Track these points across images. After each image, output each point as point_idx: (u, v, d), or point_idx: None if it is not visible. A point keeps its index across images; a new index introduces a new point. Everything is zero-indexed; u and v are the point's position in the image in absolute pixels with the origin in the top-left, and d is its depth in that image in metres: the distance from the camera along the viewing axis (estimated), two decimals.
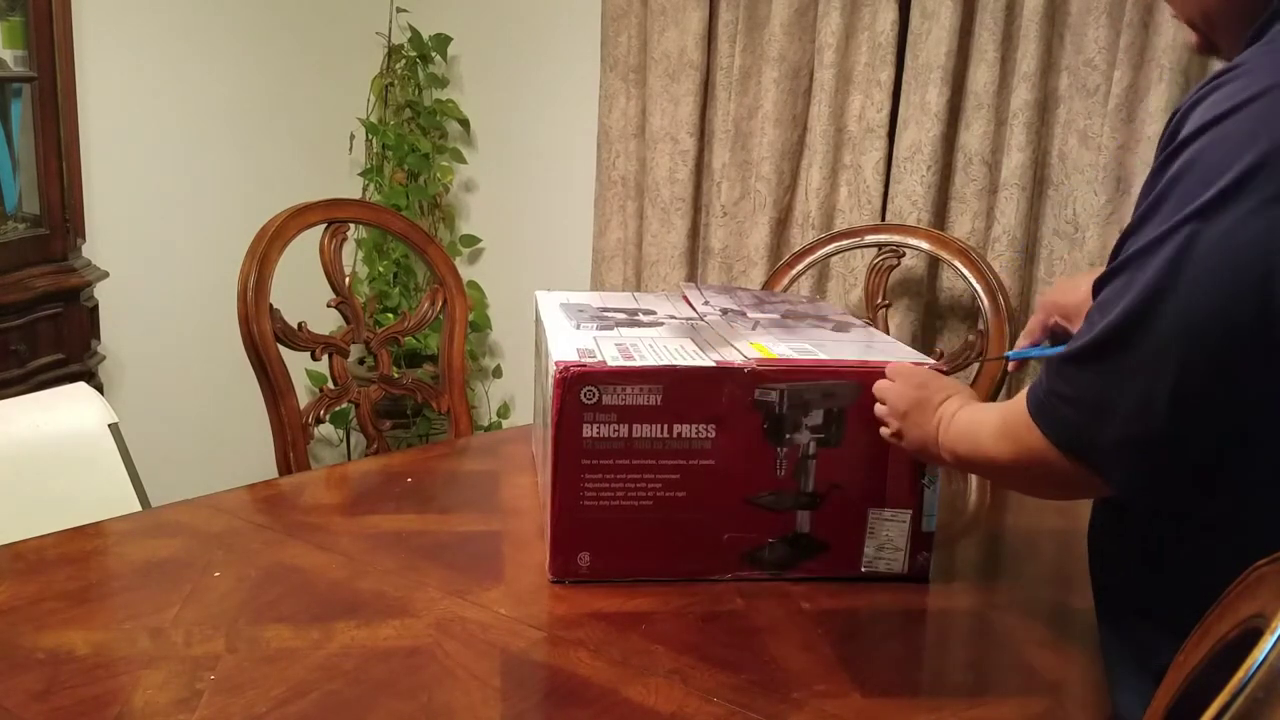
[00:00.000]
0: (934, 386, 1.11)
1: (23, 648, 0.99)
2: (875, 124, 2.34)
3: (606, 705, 0.94)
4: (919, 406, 1.10)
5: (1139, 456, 0.84)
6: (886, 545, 1.19)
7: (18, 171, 2.37)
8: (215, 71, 2.84)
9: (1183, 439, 0.82)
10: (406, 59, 3.07)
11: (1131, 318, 0.81)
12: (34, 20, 2.26)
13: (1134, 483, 0.86)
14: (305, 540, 1.25)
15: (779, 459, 1.16)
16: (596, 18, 2.70)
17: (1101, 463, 0.86)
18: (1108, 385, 0.83)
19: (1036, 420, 0.90)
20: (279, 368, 1.66)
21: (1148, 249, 0.81)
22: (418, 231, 1.92)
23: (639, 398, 1.12)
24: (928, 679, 1.07)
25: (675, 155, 2.58)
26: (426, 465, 1.61)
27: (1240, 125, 0.78)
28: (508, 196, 3.12)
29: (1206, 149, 0.79)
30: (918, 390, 1.12)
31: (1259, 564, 0.62)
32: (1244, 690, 0.55)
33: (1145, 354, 0.80)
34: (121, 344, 2.67)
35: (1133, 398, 0.82)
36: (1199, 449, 0.82)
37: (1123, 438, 0.83)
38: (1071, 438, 0.87)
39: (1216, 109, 0.80)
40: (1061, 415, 0.88)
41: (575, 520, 1.15)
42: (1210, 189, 0.78)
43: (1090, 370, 0.84)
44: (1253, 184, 0.76)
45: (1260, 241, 0.76)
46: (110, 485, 1.41)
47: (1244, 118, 0.78)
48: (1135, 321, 0.80)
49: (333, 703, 0.93)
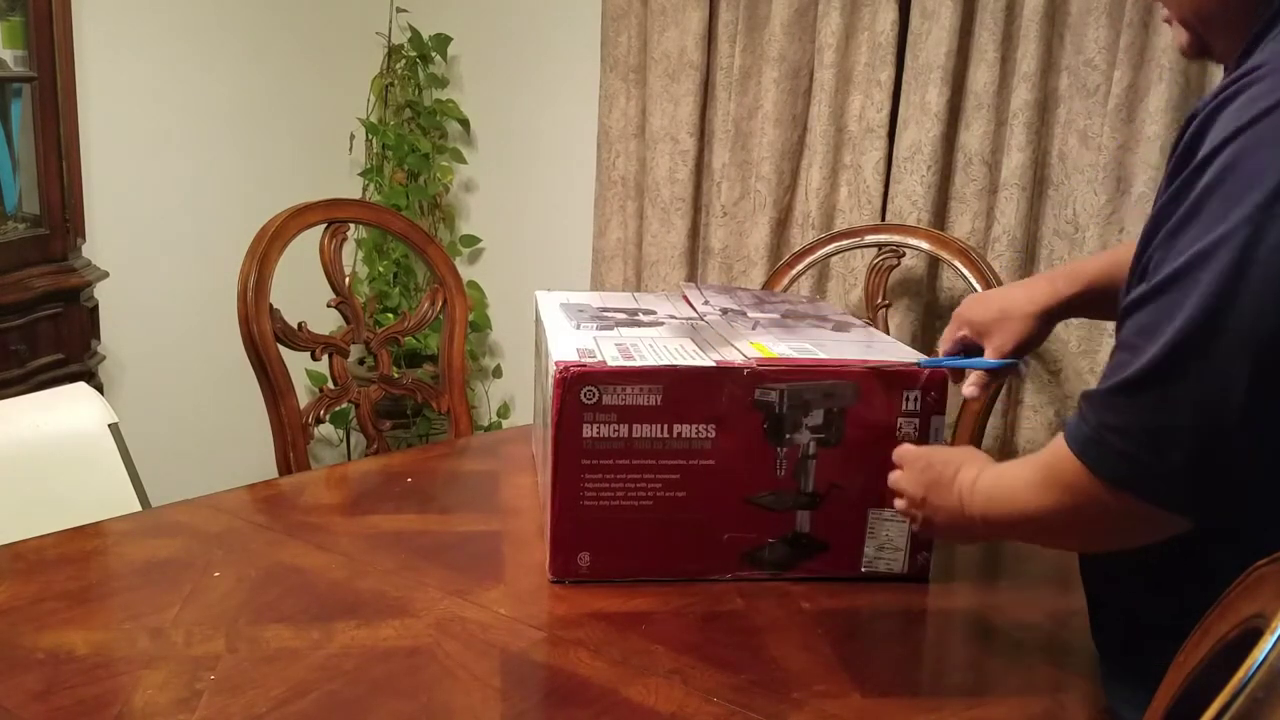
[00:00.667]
0: (942, 460, 1.05)
1: (23, 648, 0.99)
2: (875, 124, 2.33)
3: (606, 705, 0.94)
4: (935, 487, 1.04)
5: (1206, 478, 0.79)
6: (886, 545, 1.19)
7: (18, 171, 2.37)
8: (215, 72, 2.84)
9: (1249, 454, 0.78)
10: (406, 59, 3.07)
11: (1191, 336, 0.76)
12: (34, 20, 2.26)
13: (1200, 506, 0.81)
14: (305, 540, 1.25)
15: (779, 459, 1.16)
16: (596, 18, 2.70)
17: (1163, 492, 0.81)
18: (1168, 410, 0.78)
19: (1084, 459, 0.84)
20: (279, 368, 1.66)
21: (1195, 262, 0.76)
22: (418, 231, 1.92)
23: (639, 398, 1.12)
24: (928, 679, 1.07)
25: (675, 155, 2.58)
26: (426, 465, 1.61)
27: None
28: (508, 196, 3.12)
29: (1247, 151, 0.76)
30: (927, 472, 1.06)
31: (1259, 564, 0.62)
32: (1244, 690, 0.55)
33: (1211, 372, 0.76)
34: (121, 344, 2.67)
35: (1198, 419, 0.77)
36: (1261, 462, 0.79)
37: (1188, 461, 0.79)
38: (1128, 471, 0.82)
39: (1249, 111, 0.77)
40: (1116, 449, 0.82)
41: (575, 520, 1.15)
42: (1260, 190, 0.74)
43: (1146, 397, 0.79)
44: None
45: None
46: (110, 485, 1.41)
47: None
48: (1195, 339, 0.76)
49: (333, 703, 0.93)
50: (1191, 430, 0.78)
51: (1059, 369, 2.19)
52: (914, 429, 1.17)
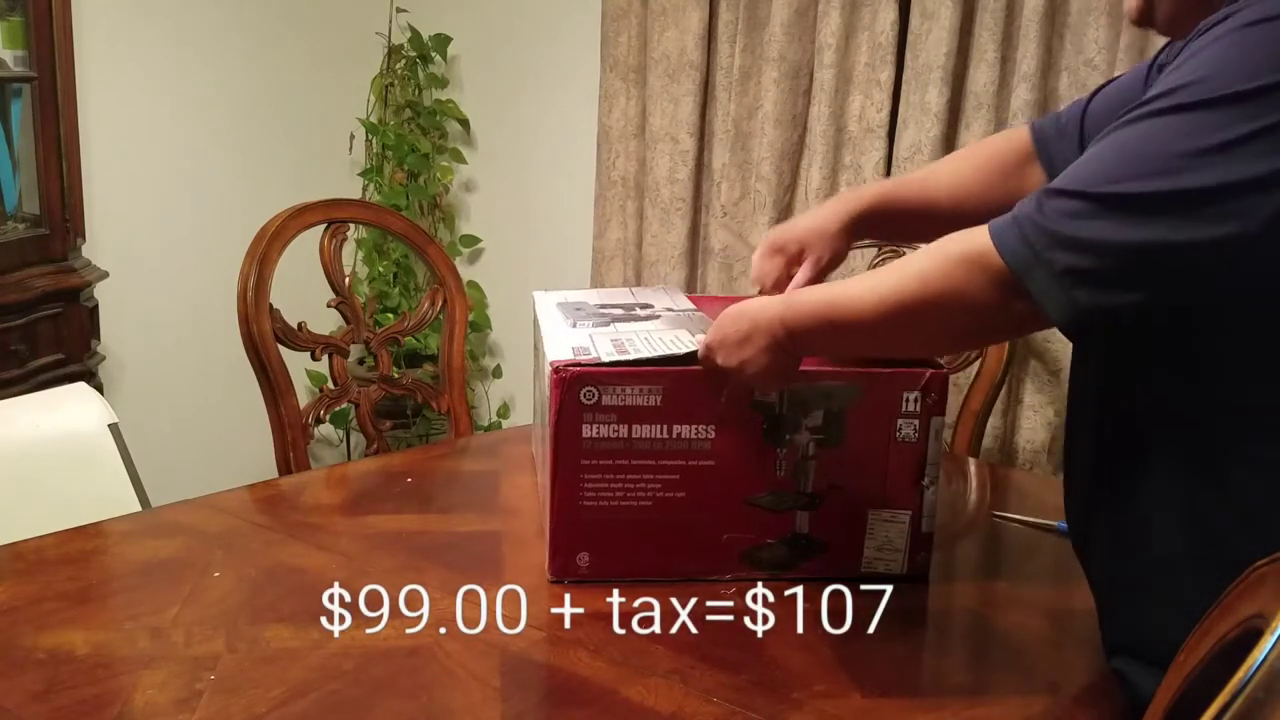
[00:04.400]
0: (748, 312, 1.06)
1: (23, 648, 0.99)
2: (875, 124, 2.34)
3: (606, 705, 0.94)
4: (745, 336, 1.05)
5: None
6: (886, 546, 1.19)
7: (18, 171, 2.37)
8: (215, 72, 2.84)
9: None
10: (406, 59, 3.07)
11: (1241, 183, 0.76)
12: (34, 20, 2.26)
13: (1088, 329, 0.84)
14: (305, 540, 1.25)
15: (778, 459, 1.16)
16: (596, 18, 2.70)
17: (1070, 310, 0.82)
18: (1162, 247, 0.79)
19: (1003, 248, 0.84)
20: (279, 368, 1.66)
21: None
22: (418, 231, 1.92)
23: (638, 398, 1.12)
24: (928, 679, 1.07)
25: (675, 155, 2.58)
26: (426, 465, 1.61)
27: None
28: (508, 196, 3.12)
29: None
30: (738, 320, 1.06)
31: (1259, 564, 0.62)
32: (1244, 690, 0.55)
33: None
34: (121, 344, 2.67)
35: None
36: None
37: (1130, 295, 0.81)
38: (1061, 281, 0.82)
39: (1250, 17, 0.79)
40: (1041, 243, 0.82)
41: (574, 520, 1.15)
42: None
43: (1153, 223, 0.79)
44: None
45: None
46: (110, 485, 1.41)
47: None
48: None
49: (333, 703, 0.93)
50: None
51: (1059, 369, 2.19)
52: (913, 430, 1.17)
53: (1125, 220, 0.79)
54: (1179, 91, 0.80)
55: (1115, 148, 0.82)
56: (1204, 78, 0.79)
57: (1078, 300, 0.82)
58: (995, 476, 1.77)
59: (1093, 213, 0.80)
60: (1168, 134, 0.79)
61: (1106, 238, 0.80)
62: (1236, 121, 0.77)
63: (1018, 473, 2.06)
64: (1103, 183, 0.81)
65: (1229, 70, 0.78)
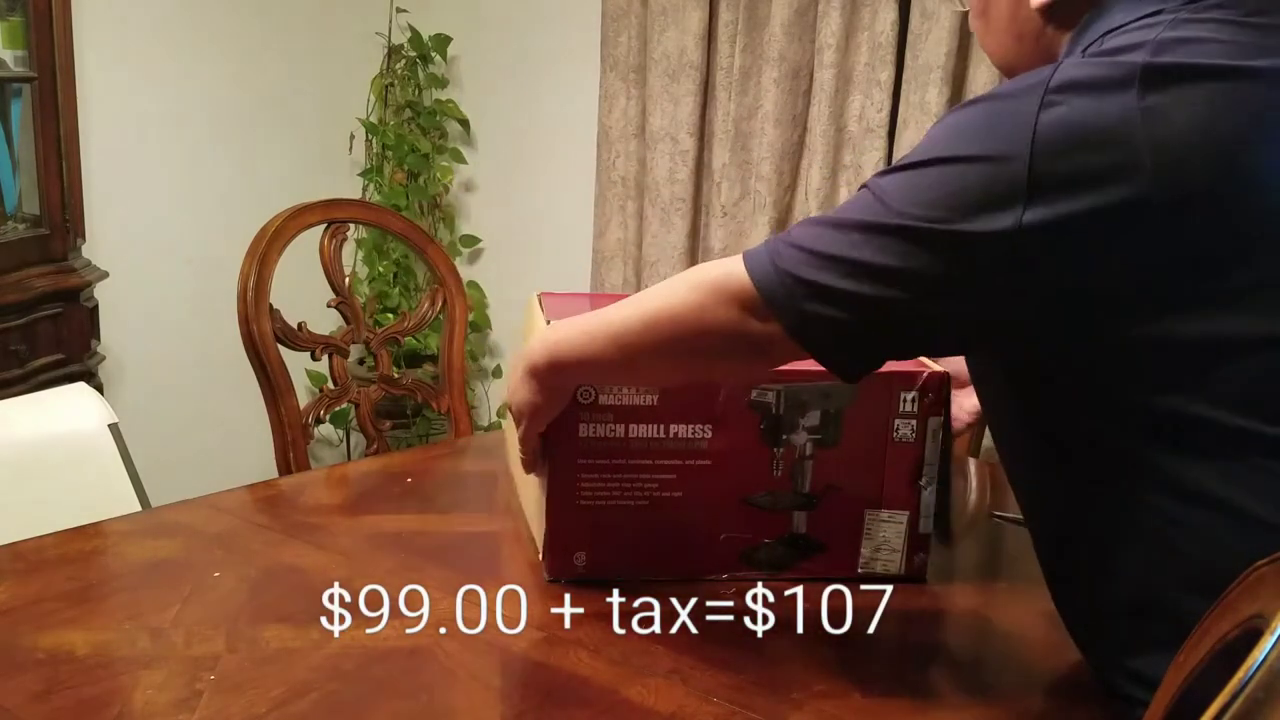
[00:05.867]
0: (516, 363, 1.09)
1: (23, 648, 0.99)
2: (875, 124, 2.34)
3: (606, 705, 0.94)
4: (515, 375, 1.08)
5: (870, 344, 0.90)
6: (883, 546, 1.19)
7: (18, 171, 2.37)
8: (215, 72, 2.84)
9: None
10: (406, 59, 3.07)
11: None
12: (34, 20, 2.26)
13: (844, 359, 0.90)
14: (305, 540, 1.25)
15: (775, 459, 1.16)
16: (596, 18, 2.70)
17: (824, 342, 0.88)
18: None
19: (755, 275, 0.88)
20: (279, 368, 1.66)
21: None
22: (418, 231, 1.92)
23: (635, 398, 1.12)
24: (928, 679, 1.07)
25: (675, 155, 2.58)
26: (426, 465, 1.61)
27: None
28: (508, 196, 3.12)
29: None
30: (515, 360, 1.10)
31: (1259, 564, 0.62)
32: (1244, 690, 0.55)
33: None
34: (121, 344, 2.67)
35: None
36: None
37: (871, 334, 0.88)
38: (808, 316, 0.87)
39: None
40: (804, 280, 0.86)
41: (572, 520, 1.15)
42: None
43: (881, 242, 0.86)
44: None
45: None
46: (110, 485, 1.41)
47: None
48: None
49: (333, 703, 0.93)
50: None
51: None
52: (911, 430, 1.17)
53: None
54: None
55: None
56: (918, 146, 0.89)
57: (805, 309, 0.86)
58: (995, 476, 1.77)
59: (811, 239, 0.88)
60: (857, 204, 0.88)
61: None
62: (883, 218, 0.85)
63: None
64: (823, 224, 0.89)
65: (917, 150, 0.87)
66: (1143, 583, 0.88)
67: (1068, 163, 0.78)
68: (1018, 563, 1.34)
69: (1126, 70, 0.79)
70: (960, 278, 0.83)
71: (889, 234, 0.83)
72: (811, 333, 0.87)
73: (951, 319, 0.86)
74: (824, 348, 0.89)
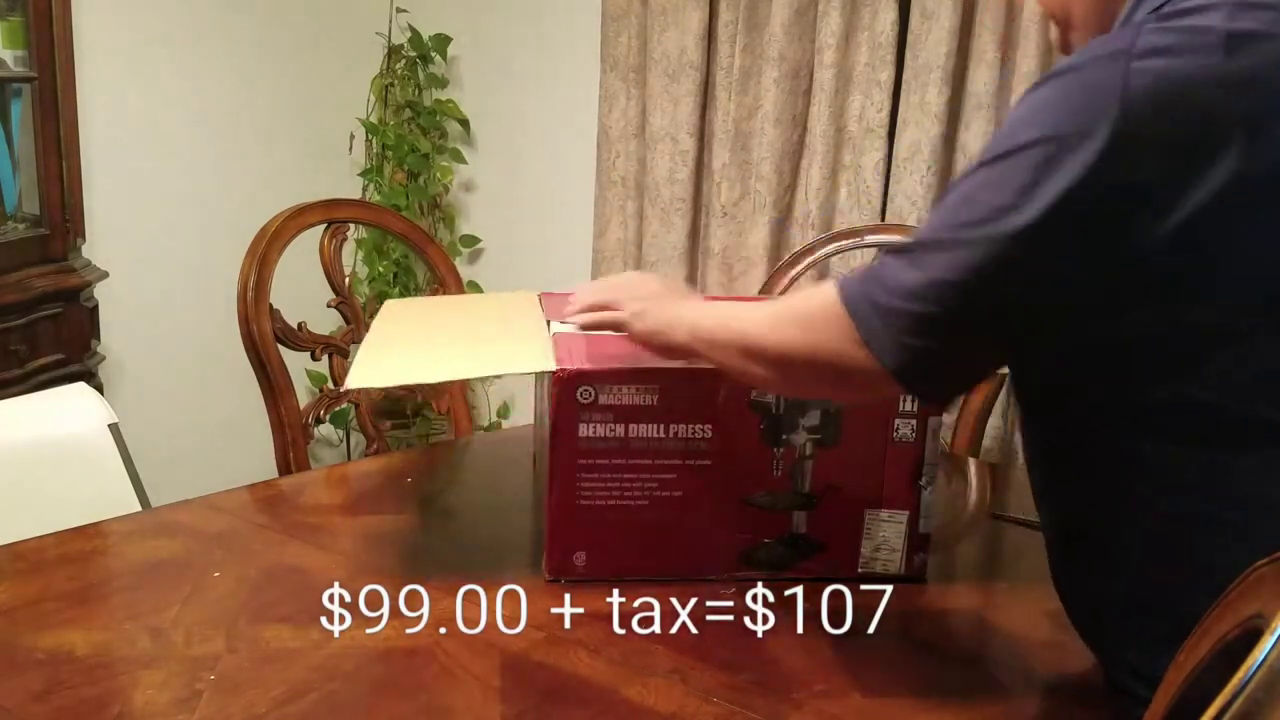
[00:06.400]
0: (655, 289, 1.15)
1: (23, 648, 0.99)
2: (875, 124, 2.34)
3: (606, 705, 0.94)
4: (667, 293, 1.13)
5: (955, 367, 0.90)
6: (883, 546, 1.19)
7: (18, 171, 2.37)
8: (215, 72, 2.84)
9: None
10: (406, 59, 3.07)
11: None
12: (34, 20, 2.26)
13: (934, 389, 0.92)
14: (305, 540, 1.25)
15: (775, 460, 1.16)
16: (596, 18, 2.70)
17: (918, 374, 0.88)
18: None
19: (855, 317, 0.88)
20: (279, 368, 1.66)
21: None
22: (418, 231, 1.92)
23: (636, 398, 1.12)
24: (928, 679, 1.06)
25: (675, 155, 2.58)
26: (426, 465, 1.61)
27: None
28: (508, 196, 3.12)
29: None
30: (662, 284, 1.17)
31: (1259, 564, 0.62)
32: (1244, 690, 0.55)
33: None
34: (121, 344, 2.67)
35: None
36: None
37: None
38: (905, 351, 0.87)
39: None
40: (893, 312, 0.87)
41: (572, 519, 1.15)
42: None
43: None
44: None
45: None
46: (110, 485, 1.41)
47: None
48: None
49: (333, 703, 0.93)
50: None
51: None
52: (911, 430, 1.17)
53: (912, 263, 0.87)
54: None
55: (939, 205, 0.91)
56: (995, 136, 0.88)
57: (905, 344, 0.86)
58: (995, 476, 1.77)
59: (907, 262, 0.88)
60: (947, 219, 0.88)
61: (905, 279, 0.86)
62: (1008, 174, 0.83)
63: (1018, 473, 2.06)
64: (924, 234, 0.89)
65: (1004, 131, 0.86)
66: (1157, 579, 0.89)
67: (1157, 129, 0.78)
68: (1018, 563, 1.34)
69: (1209, 37, 0.78)
70: (1060, 258, 0.82)
71: (985, 242, 0.83)
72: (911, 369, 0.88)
73: (1050, 307, 0.85)
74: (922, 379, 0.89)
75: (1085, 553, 0.95)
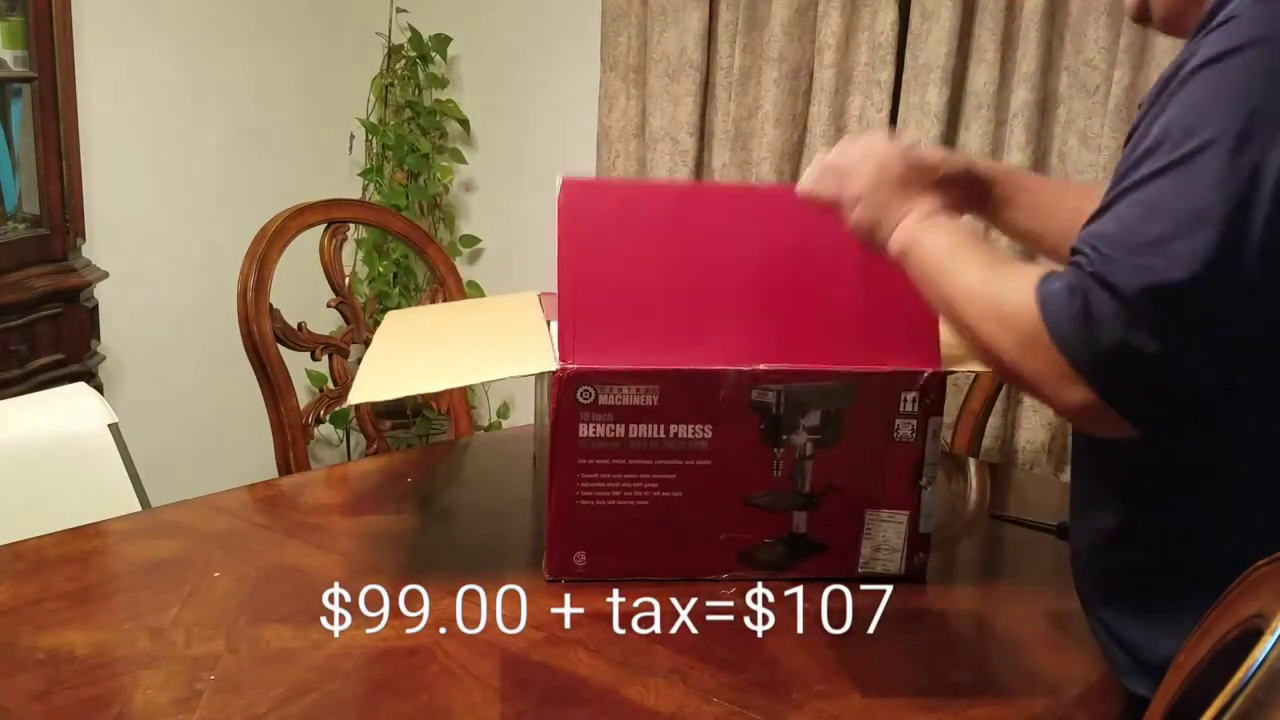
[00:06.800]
0: (915, 180, 1.03)
1: (23, 648, 0.99)
2: (875, 124, 2.33)
3: (606, 705, 0.94)
4: (898, 188, 1.02)
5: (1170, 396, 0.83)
6: (883, 546, 1.19)
7: (18, 171, 2.37)
8: (215, 72, 2.84)
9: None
10: (406, 59, 3.07)
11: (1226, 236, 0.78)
12: (34, 20, 2.26)
13: (1150, 417, 0.85)
14: (305, 540, 1.25)
15: (775, 460, 1.16)
16: (596, 18, 2.70)
17: (1132, 404, 0.83)
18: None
19: (1059, 339, 0.83)
20: (279, 368, 1.66)
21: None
22: (418, 231, 1.92)
23: (635, 398, 1.12)
24: (928, 679, 1.06)
25: (675, 155, 2.58)
26: (426, 465, 1.61)
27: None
28: (508, 196, 3.12)
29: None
30: (901, 171, 1.04)
31: (1259, 564, 0.62)
32: (1244, 690, 0.56)
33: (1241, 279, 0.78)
34: (121, 344, 2.67)
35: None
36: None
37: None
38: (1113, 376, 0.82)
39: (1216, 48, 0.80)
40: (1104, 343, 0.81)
41: (572, 519, 1.15)
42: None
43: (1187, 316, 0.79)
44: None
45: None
46: (110, 485, 1.41)
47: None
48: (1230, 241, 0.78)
49: (333, 703, 0.93)
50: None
51: None
52: (911, 430, 1.17)
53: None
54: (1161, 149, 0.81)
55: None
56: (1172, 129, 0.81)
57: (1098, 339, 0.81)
58: (995, 476, 1.77)
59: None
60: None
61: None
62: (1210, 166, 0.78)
63: (1018, 473, 2.06)
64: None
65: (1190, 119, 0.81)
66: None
67: None
68: (1018, 563, 1.34)
69: None
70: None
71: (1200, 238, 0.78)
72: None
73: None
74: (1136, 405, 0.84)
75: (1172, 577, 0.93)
